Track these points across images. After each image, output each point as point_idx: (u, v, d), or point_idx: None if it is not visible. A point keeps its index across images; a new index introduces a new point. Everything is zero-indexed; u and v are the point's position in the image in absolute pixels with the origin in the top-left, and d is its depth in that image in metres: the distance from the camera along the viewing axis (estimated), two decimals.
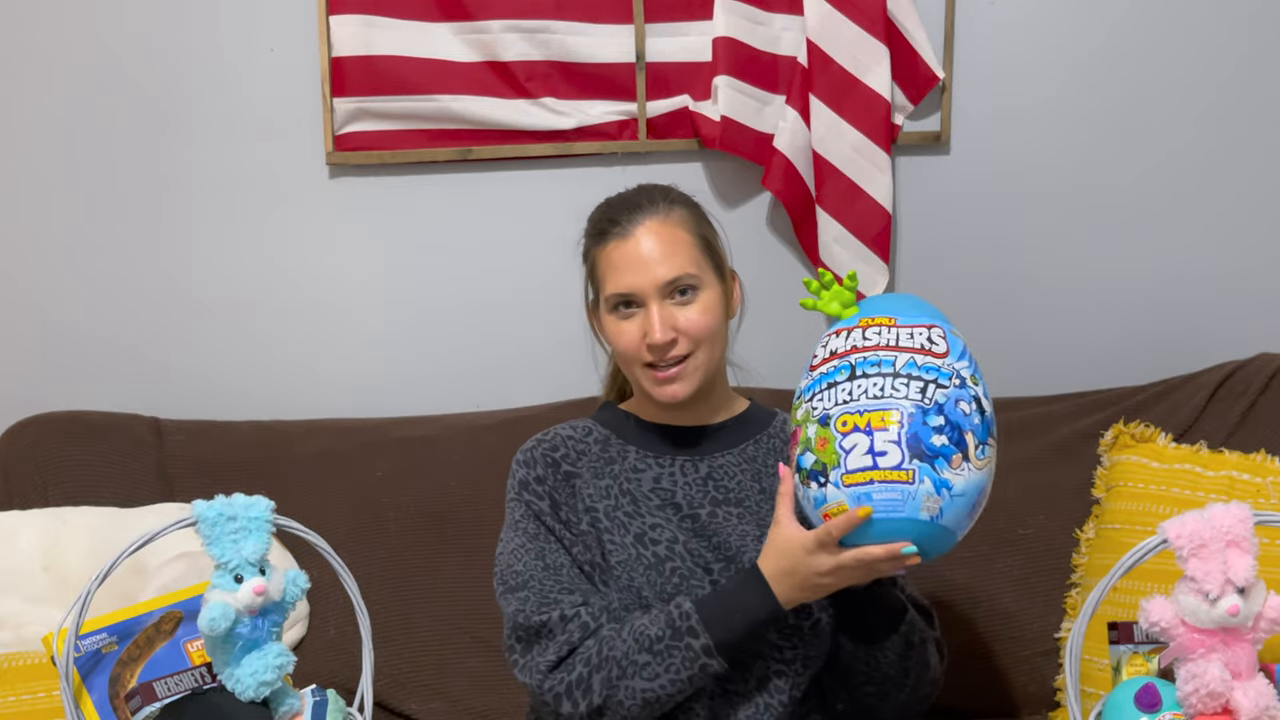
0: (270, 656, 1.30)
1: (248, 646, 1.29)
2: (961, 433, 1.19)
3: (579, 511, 1.43)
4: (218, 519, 1.28)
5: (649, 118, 2.01)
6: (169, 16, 1.99)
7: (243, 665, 1.29)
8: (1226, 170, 2.07)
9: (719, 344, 1.44)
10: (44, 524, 1.66)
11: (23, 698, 1.44)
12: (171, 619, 1.41)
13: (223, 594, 1.27)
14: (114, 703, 1.33)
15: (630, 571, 1.39)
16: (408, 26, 1.97)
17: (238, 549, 1.28)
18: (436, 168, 2.04)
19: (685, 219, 1.43)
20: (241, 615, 1.27)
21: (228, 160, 2.03)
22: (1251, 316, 2.09)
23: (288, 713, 1.33)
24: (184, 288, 2.07)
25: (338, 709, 1.36)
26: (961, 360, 1.25)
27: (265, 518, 1.31)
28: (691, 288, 1.40)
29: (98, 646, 1.35)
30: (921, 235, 2.08)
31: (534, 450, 1.47)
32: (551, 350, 2.10)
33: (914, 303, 1.32)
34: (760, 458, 1.48)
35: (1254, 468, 1.73)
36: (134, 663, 1.37)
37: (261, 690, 1.29)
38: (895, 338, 1.25)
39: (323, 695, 1.36)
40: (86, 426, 1.90)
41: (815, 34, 1.94)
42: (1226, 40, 2.03)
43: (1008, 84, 2.04)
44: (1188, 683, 1.22)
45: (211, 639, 1.28)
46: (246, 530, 1.30)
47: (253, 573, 1.28)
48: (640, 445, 1.48)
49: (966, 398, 1.22)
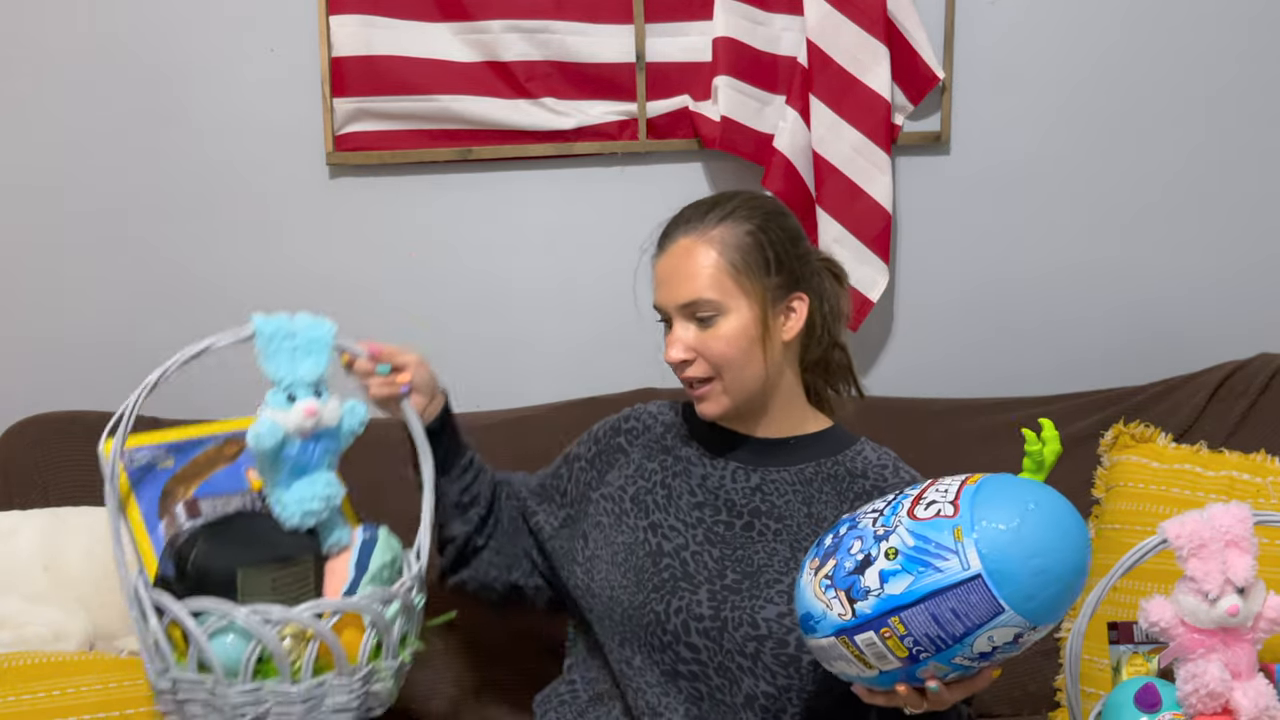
0: (319, 485, 1.26)
1: (297, 471, 1.25)
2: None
3: (605, 483, 1.49)
4: (275, 334, 1.24)
5: (649, 118, 2.01)
6: (169, 16, 1.99)
7: (291, 491, 1.25)
8: (1226, 170, 2.07)
9: (749, 369, 1.39)
10: (44, 524, 1.66)
11: (23, 698, 1.43)
12: (236, 444, 1.36)
13: (273, 411, 1.22)
14: (161, 515, 1.30)
15: (632, 553, 1.41)
16: (408, 26, 1.97)
17: (293, 367, 1.23)
18: (436, 168, 2.04)
19: (725, 239, 1.38)
20: (291, 436, 1.22)
21: (228, 160, 2.03)
22: (1251, 316, 2.09)
23: (334, 546, 1.29)
24: (184, 287, 2.06)
25: (388, 548, 1.30)
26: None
27: (326, 340, 1.26)
28: (711, 313, 1.37)
29: (153, 459, 1.32)
30: (921, 235, 2.08)
31: (618, 418, 1.55)
32: (552, 350, 2.10)
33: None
34: (817, 483, 1.43)
35: (1254, 468, 1.73)
36: (190, 480, 1.33)
37: (307, 519, 1.25)
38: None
39: (373, 532, 1.31)
40: (86, 426, 1.89)
41: (815, 34, 1.94)
42: (1227, 40, 2.03)
43: (1008, 84, 2.04)
44: (1187, 683, 1.22)
45: (259, 456, 1.23)
46: (305, 350, 1.25)
47: (307, 393, 1.23)
48: (702, 441, 1.49)
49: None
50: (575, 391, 1.98)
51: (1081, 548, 1.13)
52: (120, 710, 1.45)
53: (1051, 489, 1.16)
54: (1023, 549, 1.09)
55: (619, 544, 1.44)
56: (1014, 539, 1.10)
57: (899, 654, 1.13)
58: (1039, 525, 1.11)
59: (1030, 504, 1.12)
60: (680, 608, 1.37)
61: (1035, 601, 1.09)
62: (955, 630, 1.10)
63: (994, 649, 1.12)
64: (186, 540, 1.24)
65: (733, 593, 1.37)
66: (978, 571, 1.09)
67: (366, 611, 1.24)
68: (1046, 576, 1.10)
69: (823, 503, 1.42)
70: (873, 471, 1.44)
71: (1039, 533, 1.10)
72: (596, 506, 1.49)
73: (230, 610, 1.19)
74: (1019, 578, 1.09)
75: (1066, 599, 1.13)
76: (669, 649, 1.37)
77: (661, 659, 1.38)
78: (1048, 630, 1.14)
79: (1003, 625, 1.10)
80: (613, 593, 1.41)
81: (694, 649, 1.36)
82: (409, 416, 1.39)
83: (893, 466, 1.45)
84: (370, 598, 1.25)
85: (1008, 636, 1.11)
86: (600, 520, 1.48)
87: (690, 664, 1.36)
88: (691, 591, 1.37)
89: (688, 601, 1.37)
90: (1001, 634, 1.10)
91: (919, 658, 1.13)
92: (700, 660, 1.36)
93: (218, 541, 1.24)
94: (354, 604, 1.24)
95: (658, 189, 2.04)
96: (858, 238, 2.00)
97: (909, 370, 2.12)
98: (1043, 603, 1.10)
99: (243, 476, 1.36)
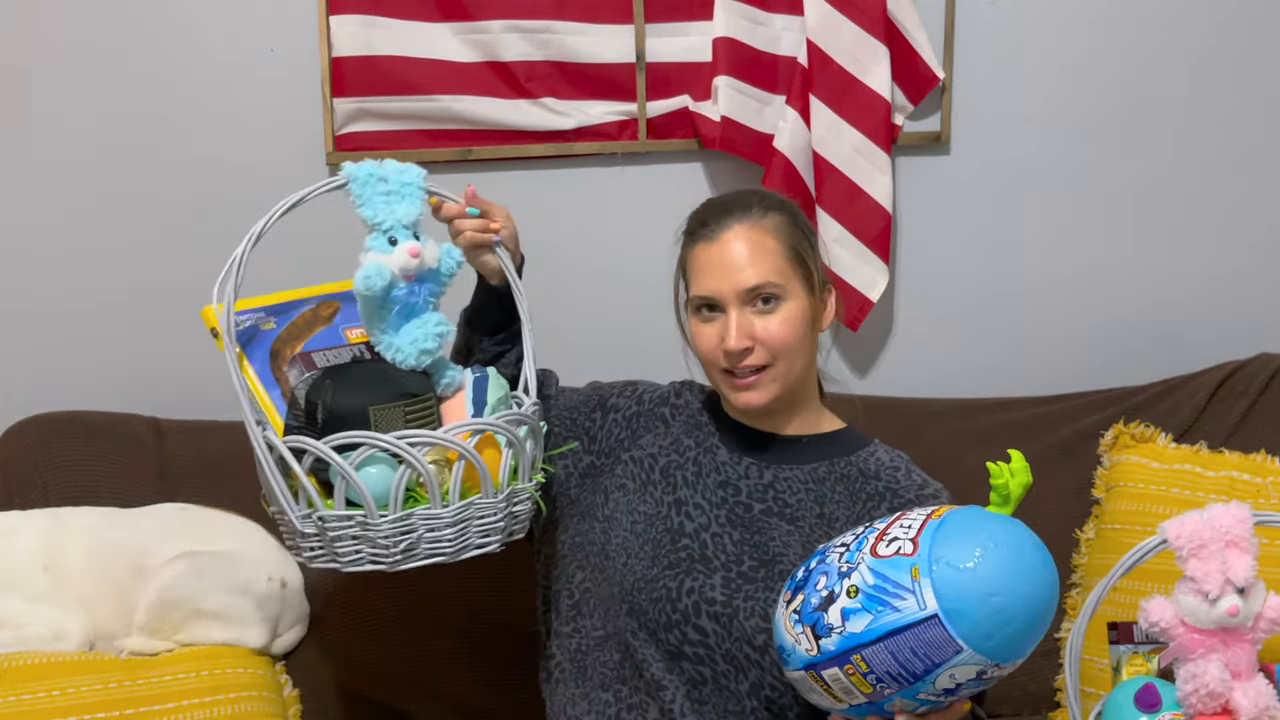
0: (430, 325, 1.27)
1: (405, 314, 1.26)
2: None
3: (638, 446, 1.49)
4: (368, 179, 1.25)
5: (649, 118, 2.01)
6: (169, 17, 1.99)
7: (402, 334, 1.26)
8: (1227, 170, 2.07)
9: (800, 357, 1.41)
10: (44, 524, 1.66)
11: (23, 698, 1.43)
12: (330, 306, 1.37)
13: (377, 255, 1.23)
14: (273, 371, 1.32)
15: (651, 525, 1.42)
16: (408, 26, 1.97)
17: (390, 210, 1.25)
18: (436, 168, 2.02)
19: (778, 227, 1.41)
20: (397, 279, 1.24)
21: (228, 160, 2.03)
22: (1251, 316, 2.09)
23: (449, 385, 1.31)
24: (184, 287, 2.06)
25: (499, 385, 1.33)
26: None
27: (418, 184, 1.28)
28: (774, 297, 1.38)
29: (255, 322, 1.33)
30: (921, 235, 2.08)
31: (667, 390, 1.54)
32: (552, 350, 2.09)
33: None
34: (829, 482, 1.44)
35: (1254, 468, 1.73)
36: (294, 340, 1.35)
37: (423, 359, 1.27)
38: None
39: (483, 372, 1.33)
40: (86, 426, 1.90)
41: (815, 34, 1.94)
42: (1227, 40, 2.03)
43: (1008, 84, 2.04)
44: (1187, 683, 1.22)
45: (367, 300, 1.24)
46: (399, 194, 1.26)
47: (407, 236, 1.24)
48: (723, 432, 1.49)
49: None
50: None
51: (1044, 584, 1.12)
52: (120, 710, 1.45)
53: (1017, 524, 1.16)
54: (980, 588, 1.09)
55: (640, 513, 1.44)
56: (971, 578, 1.10)
57: (864, 690, 1.14)
58: (998, 563, 1.11)
59: (990, 542, 1.12)
60: (693, 588, 1.37)
61: (995, 640, 1.10)
62: (915, 669, 1.11)
63: (958, 685, 1.12)
64: (313, 388, 1.26)
65: (748, 581, 1.37)
66: (934, 611, 1.10)
67: (503, 432, 1.26)
68: (1005, 615, 1.09)
69: (835, 503, 1.43)
70: (885, 473, 1.44)
71: (997, 571, 1.10)
72: (625, 468, 1.49)
73: (378, 439, 1.19)
74: (976, 617, 1.09)
75: (1030, 636, 1.13)
76: (675, 628, 1.37)
77: (667, 638, 1.37)
78: (1015, 666, 1.14)
79: (963, 664, 1.10)
80: (627, 559, 1.41)
81: (702, 632, 1.36)
82: (503, 259, 1.39)
83: (905, 469, 1.46)
84: (505, 417, 1.27)
85: (970, 674, 1.11)
86: (625, 483, 1.48)
87: (696, 646, 1.36)
88: (706, 575, 1.38)
89: (701, 583, 1.37)
90: (963, 671, 1.11)
91: (883, 694, 1.14)
92: (707, 645, 1.36)
93: (345, 384, 1.25)
94: (491, 424, 1.26)
95: (658, 189, 2.04)
96: (858, 238, 2.00)
97: (909, 370, 2.11)
98: (1003, 641, 1.10)
99: (342, 335, 1.38)
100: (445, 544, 1.25)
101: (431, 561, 1.25)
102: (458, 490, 1.24)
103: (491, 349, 1.47)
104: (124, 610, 1.61)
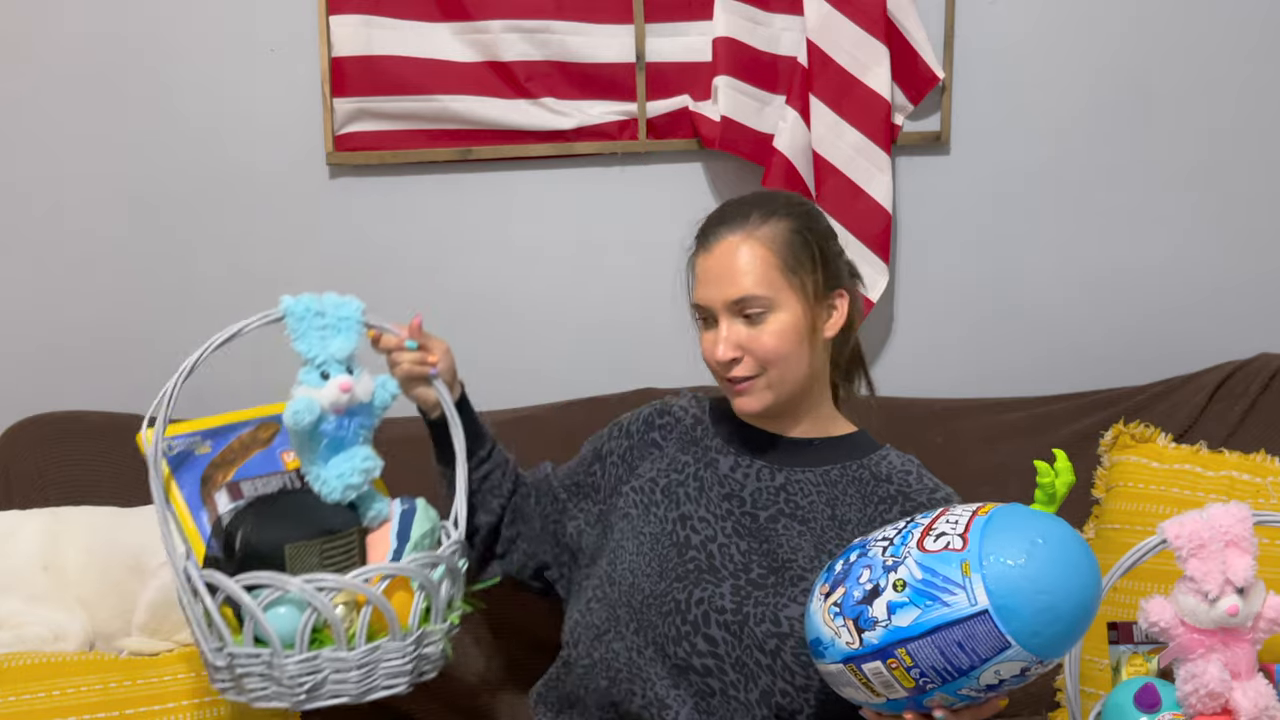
0: (357, 459, 1.28)
1: (334, 447, 1.27)
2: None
3: (636, 475, 1.50)
4: (305, 313, 1.27)
5: (649, 118, 2.01)
6: (169, 16, 1.98)
7: (329, 466, 1.27)
8: (1227, 170, 2.07)
9: (795, 365, 1.41)
10: (44, 523, 1.66)
11: (23, 698, 1.44)
12: (270, 428, 1.38)
13: (308, 389, 1.24)
14: (203, 497, 1.32)
15: (658, 542, 1.42)
16: (408, 26, 1.97)
17: (325, 345, 1.27)
18: (436, 168, 2.04)
19: (775, 236, 1.40)
20: (327, 412, 1.24)
21: (227, 160, 2.03)
22: (1251, 316, 2.09)
23: (375, 518, 1.31)
24: (184, 287, 2.06)
25: (427, 518, 1.33)
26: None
27: (355, 318, 1.30)
28: (762, 309, 1.38)
29: (190, 446, 1.34)
30: (921, 235, 2.08)
31: (650, 411, 1.56)
32: (553, 350, 2.10)
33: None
34: (842, 485, 1.44)
35: (1254, 468, 1.73)
36: (228, 465, 1.36)
37: (348, 493, 1.27)
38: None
39: (411, 504, 1.34)
40: (86, 426, 1.90)
41: (815, 34, 1.94)
42: (1227, 41, 2.03)
43: (1008, 84, 2.04)
44: (1187, 683, 1.22)
45: (296, 434, 1.25)
46: (335, 328, 1.28)
47: (339, 370, 1.26)
48: (729, 439, 1.49)
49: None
50: (575, 392, 1.98)
51: (1090, 584, 1.13)
52: (120, 710, 1.45)
53: (1062, 522, 1.16)
54: (1031, 585, 1.09)
55: (645, 534, 1.44)
56: (1021, 575, 1.10)
57: (906, 684, 1.14)
58: (1047, 561, 1.11)
59: (1039, 539, 1.12)
60: (702, 599, 1.37)
61: (1042, 637, 1.10)
62: (962, 664, 1.11)
63: (1000, 681, 1.12)
64: (234, 520, 1.27)
65: (757, 588, 1.37)
66: (985, 607, 1.09)
67: (415, 575, 1.27)
68: (1054, 613, 1.10)
69: (847, 505, 1.43)
70: (897, 477, 1.45)
71: (1047, 569, 1.10)
72: (625, 499, 1.50)
73: (285, 581, 1.20)
74: (1026, 614, 1.09)
75: (1074, 634, 1.13)
76: (685, 640, 1.37)
77: (676, 651, 1.37)
78: (1055, 663, 1.14)
79: (1009, 660, 1.10)
80: (634, 579, 1.41)
81: (711, 641, 1.36)
82: (440, 392, 1.41)
83: (916, 473, 1.46)
84: (417, 561, 1.28)
85: (1014, 670, 1.11)
86: (629, 512, 1.48)
87: (706, 657, 1.36)
88: (715, 584, 1.38)
89: (710, 593, 1.37)
90: (1008, 668, 1.11)
91: (926, 688, 1.13)
92: (717, 654, 1.36)
93: (264, 519, 1.27)
94: (402, 568, 1.26)
95: (658, 189, 2.04)
96: (858, 238, 2.00)
97: (909, 370, 2.11)
98: (1049, 638, 1.10)
99: (278, 459, 1.38)
100: (351, 685, 1.26)
101: (337, 701, 1.27)
102: (364, 634, 1.25)
103: (478, 481, 1.51)
104: (124, 610, 1.61)
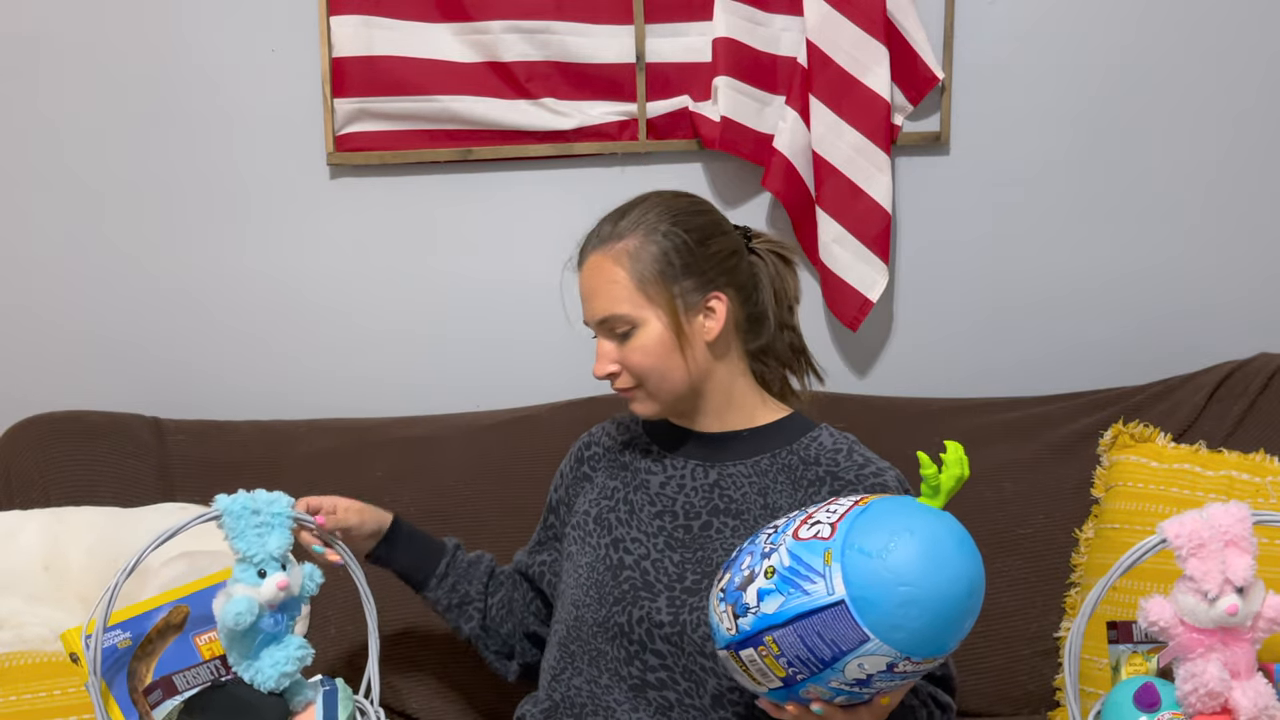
0: (291, 649, 1.31)
1: (267, 640, 1.30)
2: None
3: (574, 512, 1.50)
4: (242, 512, 1.29)
5: (649, 118, 2.01)
6: (170, 17, 1.99)
7: (263, 658, 1.30)
8: (1226, 170, 2.07)
9: (671, 375, 1.39)
10: (44, 524, 1.66)
11: (23, 697, 1.44)
12: (180, 613, 1.40)
13: (246, 588, 1.27)
14: (133, 697, 1.33)
15: (594, 570, 1.43)
16: (408, 27, 1.97)
17: (262, 543, 1.29)
18: (436, 168, 2.04)
19: (630, 252, 1.38)
20: (264, 609, 1.28)
21: (228, 160, 2.03)
22: (1251, 316, 2.09)
23: (303, 702, 1.34)
24: (184, 287, 2.07)
25: (347, 697, 1.36)
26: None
27: (287, 513, 1.33)
28: (627, 328, 1.38)
29: (114, 643, 1.34)
30: (921, 235, 2.08)
31: (577, 447, 1.58)
32: (552, 350, 2.10)
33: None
34: (772, 474, 1.42)
35: (1253, 468, 1.73)
36: (148, 658, 1.36)
37: (283, 682, 1.30)
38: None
39: (332, 685, 1.37)
40: (86, 426, 1.90)
41: (815, 34, 1.94)
42: (1226, 40, 2.03)
43: (1008, 84, 2.04)
44: (1186, 682, 1.22)
45: (234, 633, 1.28)
46: (270, 525, 1.31)
47: (275, 567, 1.29)
48: (662, 445, 1.49)
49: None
50: (575, 391, 1.98)
51: (959, 578, 1.09)
52: None
53: (945, 516, 1.13)
54: (892, 577, 1.07)
55: (583, 565, 1.45)
56: (880, 566, 1.07)
57: (777, 673, 1.13)
58: (911, 553, 1.08)
59: (905, 532, 1.09)
60: (642, 617, 1.38)
61: (904, 632, 1.07)
62: (824, 654, 1.09)
63: (869, 676, 1.10)
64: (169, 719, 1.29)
65: (690, 595, 1.37)
66: (841, 597, 1.08)
67: None
68: (917, 608, 1.07)
69: (778, 492, 1.41)
70: (825, 457, 1.41)
71: (909, 561, 1.07)
72: (568, 538, 1.51)
73: None
74: (885, 606, 1.07)
75: (944, 631, 1.10)
76: (635, 659, 1.38)
77: (629, 671, 1.38)
78: (931, 663, 1.11)
79: (871, 654, 1.08)
80: (578, 611, 1.43)
81: (659, 655, 1.37)
82: (352, 570, 1.43)
83: (847, 450, 1.42)
84: None
85: (880, 665, 1.09)
86: (570, 550, 1.49)
87: (658, 671, 1.37)
88: (651, 600, 1.38)
89: (648, 610, 1.37)
90: (872, 662, 1.09)
91: (796, 679, 1.13)
92: (667, 666, 1.37)
93: (200, 718, 1.29)
94: None
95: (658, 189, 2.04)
96: (857, 238, 2.00)
97: (909, 370, 2.12)
98: (912, 634, 1.07)
99: (194, 646, 1.40)
100: None
101: None
102: None
103: (446, 596, 1.56)
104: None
